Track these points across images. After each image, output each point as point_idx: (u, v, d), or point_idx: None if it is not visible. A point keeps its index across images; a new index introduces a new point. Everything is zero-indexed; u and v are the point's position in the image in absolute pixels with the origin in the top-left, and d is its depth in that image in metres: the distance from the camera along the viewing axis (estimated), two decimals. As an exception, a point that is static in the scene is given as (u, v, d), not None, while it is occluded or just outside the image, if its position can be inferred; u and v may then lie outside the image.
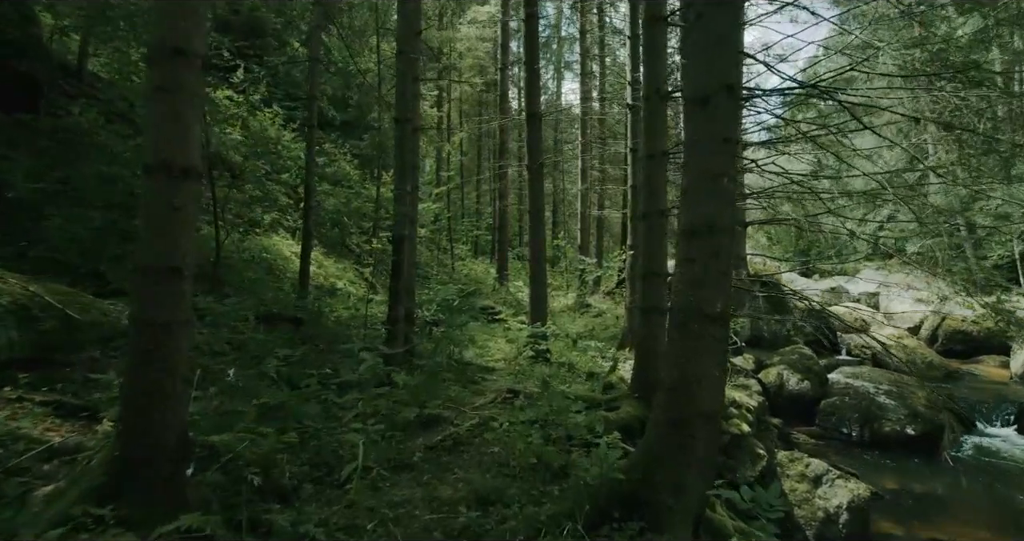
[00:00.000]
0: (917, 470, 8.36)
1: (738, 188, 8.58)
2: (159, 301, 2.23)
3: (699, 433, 2.93)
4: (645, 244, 5.05)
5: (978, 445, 9.26)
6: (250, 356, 4.41)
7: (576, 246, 13.45)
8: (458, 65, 13.75)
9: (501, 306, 9.99)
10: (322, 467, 3.34)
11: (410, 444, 3.89)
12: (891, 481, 7.96)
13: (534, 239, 7.57)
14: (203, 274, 6.65)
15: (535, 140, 7.72)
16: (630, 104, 8.31)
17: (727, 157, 3.00)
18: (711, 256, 2.96)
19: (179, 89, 2.26)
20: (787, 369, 10.45)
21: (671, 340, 3.06)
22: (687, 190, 3.06)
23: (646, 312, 5.00)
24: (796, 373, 10.34)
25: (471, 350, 7.22)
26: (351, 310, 7.14)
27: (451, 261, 12.77)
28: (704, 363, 2.95)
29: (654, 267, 5.00)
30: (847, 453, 8.87)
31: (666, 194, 5.09)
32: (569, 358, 7.09)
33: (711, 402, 2.95)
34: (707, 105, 2.99)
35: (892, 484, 7.86)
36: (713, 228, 2.96)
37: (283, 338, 5.30)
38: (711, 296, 2.95)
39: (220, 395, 3.72)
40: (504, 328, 7.98)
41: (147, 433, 2.23)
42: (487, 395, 5.50)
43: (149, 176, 2.24)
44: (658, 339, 5.00)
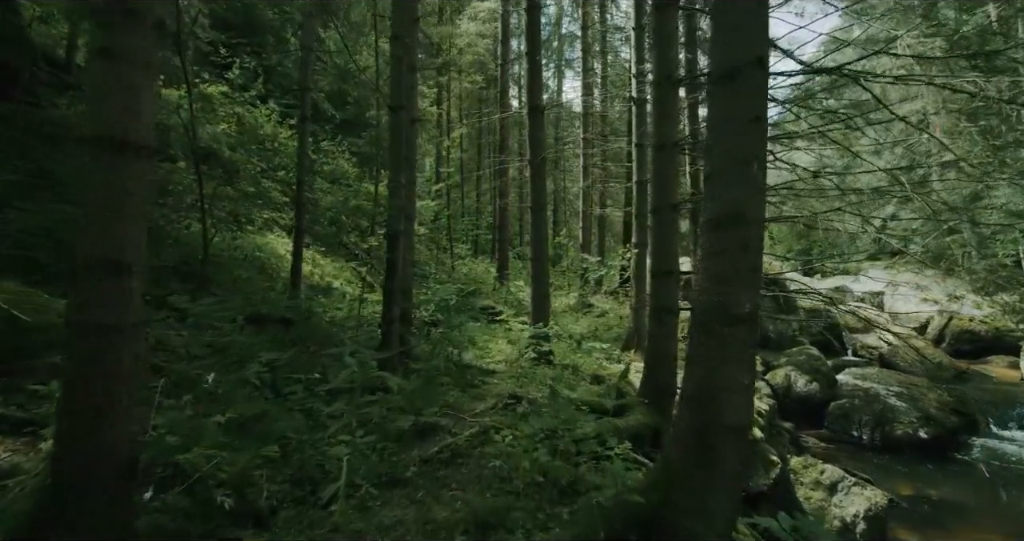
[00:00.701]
0: (931, 474, 8.01)
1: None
2: (102, 301, 1.87)
3: (725, 448, 2.57)
4: (655, 240, 4.70)
5: (992, 448, 8.89)
6: (232, 360, 4.04)
7: (577, 245, 13.10)
8: (458, 61, 13.40)
9: (502, 306, 9.63)
10: (306, 484, 2.98)
11: (404, 457, 3.53)
12: (905, 487, 7.61)
13: (536, 237, 7.21)
14: (191, 273, 6.30)
15: (537, 135, 7.36)
16: (634, 97, 7.95)
17: (757, 138, 2.64)
18: (739, 249, 2.61)
19: (129, 53, 1.90)
20: (795, 370, 10.10)
21: (693, 343, 2.70)
22: (712, 176, 2.71)
23: (657, 312, 4.64)
24: (804, 374, 9.99)
25: (471, 352, 6.86)
26: (344, 311, 6.78)
27: (451, 260, 12.40)
28: (731, 369, 2.59)
29: (665, 265, 4.64)
30: (858, 457, 8.53)
31: (677, 187, 4.73)
32: (573, 360, 6.73)
33: (739, 413, 2.59)
34: (735, 80, 2.63)
35: (906, 490, 7.51)
36: (741, 218, 2.60)
37: (270, 340, 4.95)
38: (738, 294, 2.59)
39: (195, 404, 3.36)
40: (505, 329, 7.63)
41: (86, 455, 1.87)
42: (488, 400, 5.14)
43: (91, 154, 1.88)
44: (669, 341, 4.65)
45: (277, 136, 11.54)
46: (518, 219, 18.52)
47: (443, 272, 11.36)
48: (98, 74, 1.90)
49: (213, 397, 3.51)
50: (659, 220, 4.68)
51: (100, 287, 1.86)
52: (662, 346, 4.62)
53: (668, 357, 4.63)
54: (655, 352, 4.66)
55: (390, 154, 4.72)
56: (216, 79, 10.61)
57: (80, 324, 1.87)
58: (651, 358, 4.71)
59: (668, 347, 4.62)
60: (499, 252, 12.99)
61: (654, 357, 4.65)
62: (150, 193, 2.04)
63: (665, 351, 4.62)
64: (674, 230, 4.65)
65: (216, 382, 3.56)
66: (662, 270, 4.63)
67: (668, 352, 4.62)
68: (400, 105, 4.60)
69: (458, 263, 12.74)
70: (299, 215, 6.29)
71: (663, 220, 4.64)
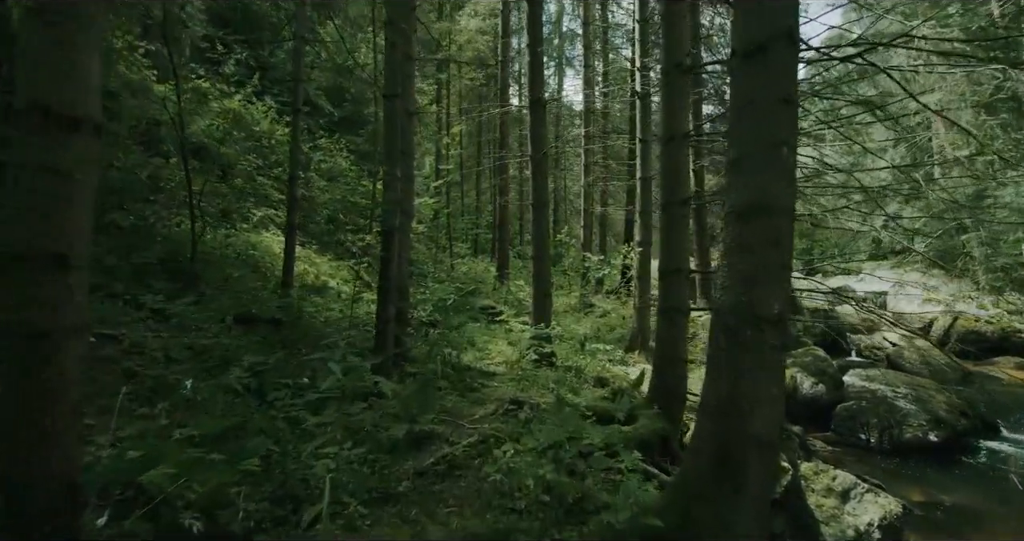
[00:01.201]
0: (943, 479, 7.72)
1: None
2: (33, 301, 1.58)
3: (753, 465, 2.29)
4: (665, 237, 4.41)
5: (1004, 452, 8.61)
6: (215, 364, 3.76)
7: (578, 244, 12.80)
8: (457, 58, 13.12)
9: (502, 306, 9.34)
10: (287, 503, 2.69)
11: (397, 469, 3.24)
12: (917, 492, 7.33)
13: (537, 234, 6.93)
14: (180, 271, 6.01)
15: (538, 129, 7.07)
16: (638, 92, 7.67)
17: (786, 120, 2.36)
18: (768, 244, 2.32)
19: (66, 11, 1.62)
20: (800, 372, 9.81)
21: (716, 349, 2.42)
22: (736, 163, 2.42)
23: (666, 313, 4.36)
24: (810, 376, 9.71)
25: (470, 353, 6.57)
26: (338, 311, 6.50)
27: (450, 259, 12.11)
28: (759, 378, 2.31)
29: (674, 262, 4.35)
30: (866, 461, 8.25)
31: (689, 181, 4.44)
32: (576, 362, 6.44)
33: (767, 426, 2.31)
34: (762, 57, 2.35)
35: (918, 495, 7.22)
36: (771, 209, 2.32)
37: (259, 342, 4.66)
38: (768, 295, 2.31)
39: (171, 412, 3.07)
40: (506, 329, 7.35)
41: (22, 480, 1.58)
42: (488, 405, 4.85)
43: (25, 127, 1.59)
44: (679, 343, 4.37)
45: (274, 133, 11.26)
46: (518, 218, 18.22)
47: (442, 271, 11.07)
48: (31, 33, 1.61)
49: (191, 405, 3.22)
50: (668, 216, 4.39)
51: (32, 285, 1.57)
52: (671, 348, 4.34)
53: (678, 360, 4.34)
54: (664, 354, 4.37)
55: (384, 145, 4.43)
56: (212, 75, 10.34)
57: (10, 328, 1.58)
58: (660, 360, 4.43)
59: (678, 349, 4.34)
60: (499, 251, 12.69)
61: (663, 359, 4.36)
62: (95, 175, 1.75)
63: (674, 353, 4.34)
64: (684, 226, 4.36)
65: (195, 388, 3.27)
66: (671, 268, 4.34)
67: (678, 354, 4.34)
68: (395, 93, 4.31)
69: (457, 262, 12.44)
70: (291, 211, 6.00)
71: (673, 216, 4.36)
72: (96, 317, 3.60)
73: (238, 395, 3.39)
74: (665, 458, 4.17)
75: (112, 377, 3.19)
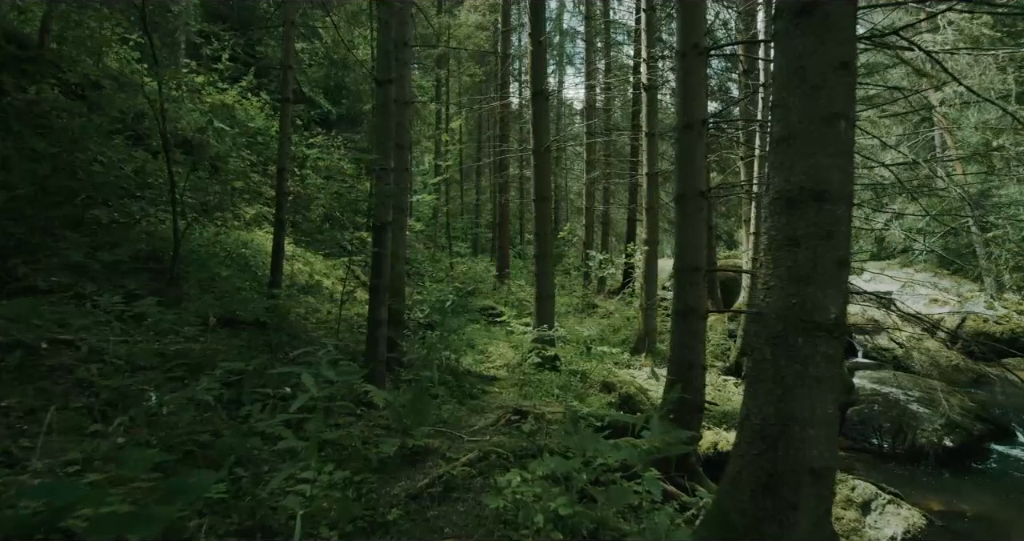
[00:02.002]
0: (961, 487, 7.33)
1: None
2: None
3: (805, 499, 1.90)
4: (680, 232, 4.02)
5: (1022, 458, 8.24)
6: (188, 372, 3.35)
7: (580, 243, 12.40)
8: (457, 54, 12.71)
9: (502, 307, 8.94)
10: (257, 536, 2.29)
11: (386, 492, 2.84)
12: (936, 501, 6.94)
13: (539, 230, 6.53)
14: (163, 270, 5.60)
15: (541, 121, 6.68)
16: (645, 83, 7.27)
17: (845, 90, 1.97)
18: (822, 237, 1.93)
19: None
20: (809, 374, 9.42)
21: (760, 361, 2.02)
22: (784, 141, 2.03)
23: (682, 314, 3.96)
24: (819, 378, 9.31)
25: (469, 356, 6.18)
26: (326, 312, 6.10)
27: (449, 259, 11.71)
28: (813, 395, 1.91)
29: (691, 259, 3.95)
30: (880, 467, 7.87)
31: (706, 172, 4.05)
32: (581, 366, 6.05)
33: (823, 452, 1.91)
34: (814, 14, 1.96)
35: (938, 505, 6.83)
36: (825, 195, 1.93)
37: (242, 346, 4.26)
38: (822, 296, 1.92)
39: (129, 428, 2.67)
40: (507, 331, 6.95)
41: None
42: (488, 414, 4.46)
43: None
44: (695, 348, 3.97)
45: (269, 129, 10.86)
46: (518, 217, 17.81)
47: (440, 271, 10.67)
48: None
49: (155, 420, 2.82)
50: (684, 209, 3.99)
51: None
52: (687, 353, 3.94)
53: (694, 366, 3.95)
54: (679, 360, 3.98)
55: (376, 134, 4.03)
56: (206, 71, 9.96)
57: None
58: (674, 367, 4.03)
59: (694, 354, 3.94)
60: (499, 250, 12.29)
61: (678, 365, 3.97)
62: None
63: (690, 359, 3.94)
64: (701, 221, 3.97)
65: (160, 400, 2.86)
66: (688, 266, 3.95)
67: (694, 360, 3.95)
68: (388, 79, 3.91)
69: (456, 261, 12.04)
70: (281, 206, 5.60)
71: (689, 209, 3.96)
72: (54, 319, 3.21)
73: (209, 408, 2.99)
74: (682, 474, 3.78)
75: (64, 388, 2.79)
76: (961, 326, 13.32)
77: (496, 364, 6.46)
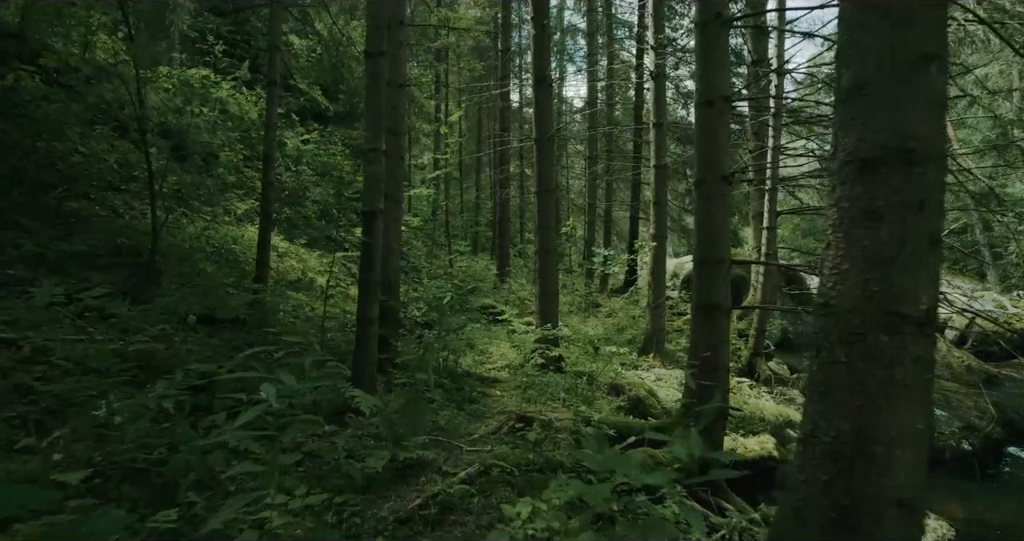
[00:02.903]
0: (983, 493, 6.92)
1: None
2: None
3: (890, 534, 1.48)
4: (702, 220, 3.61)
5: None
6: (151, 375, 2.93)
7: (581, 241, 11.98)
8: (456, 47, 12.33)
9: (503, 305, 8.52)
10: (211, 575, 1.87)
11: (372, 514, 2.42)
12: (958, 508, 6.52)
13: (543, 224, 6.11)
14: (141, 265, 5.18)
15: (544, 109, 6.27)
16: (652, 71, 6.86)
17: (937, 25, 1.56)
18: (909, 206, 1.51)
19: None
20: (820, 375, 9.01)
21: (829, 363, 1.60)
22: (856, 90, 1.61)
23: (705, 310, 3.54)
24: (831, 379, 8.90)
25: (468, 356, 5.76)
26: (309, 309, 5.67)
27: (449, 256, 11.28)
28: (900, 406, 1.50)
29: (714, 251, 3.54)
30: None
31: (729, 152, 3.63)
32: (587, 367, 5.63)
33: (913, 478, 1.50)
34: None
35: (960, 512, 6.42)
36: (914, 155, 1.51)
37: (218, 345, 3.84)
38: (911, 282, 1.50)
39: (70, 444, 2.25)
40: (508, 330, 6.53)
41: None
42: (489, 421, 4.04)
43: None
44: (719, 348, 3.55)
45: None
46: (518, 216, 17.40)
47: (439, 268, 10.24)
48: None
49: (103, 431, 2.39)
50: (705, 195, 3.58)
51: None
52: (710, 355, 3.52)
53: (719, 368, 3.53)
54: (701, 361, 3.56)
55: (366, 114, 3.62)
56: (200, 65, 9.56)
57: None
58: (694, 368, 3.61)
59: (718, 355, 3.52)
60: (500, 248, 11.86)
61: (700, 368, 3.55)
62: None
63: (714, 360, 3.52)
64: (724, 207, 3.55)
65: (111, 408, 2.44)
66: (711, 258, 3.53)
67: (718, 361, 3.53)
68: (379, 51, 3.50)
69: (454, 257, 11.61)
70: (266, 197, 5.18)
71: (710, 195, 3.55)
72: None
73: (169, 417, 2.56)
74: (705, 488, 3.36)
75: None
76: (970, 326, 12.91)
77: (497, 365, 6.04)
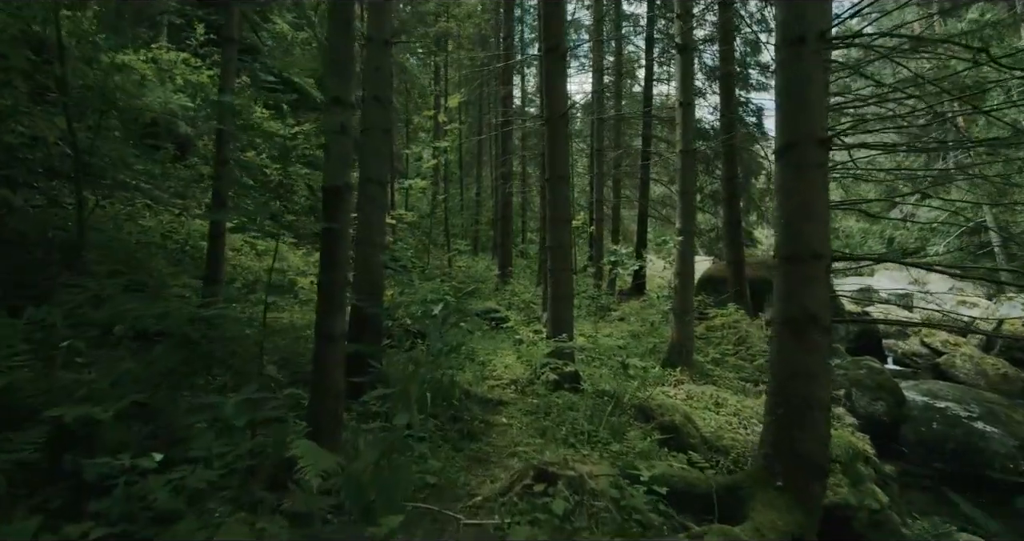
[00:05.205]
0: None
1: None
2: None
3: None
4: (786, 200, 2.53)
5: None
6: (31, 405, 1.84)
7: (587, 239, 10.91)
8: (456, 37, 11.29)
9: (506, 309, 7.44)
10: None
11: None
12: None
13: (555, 216, 5.03)
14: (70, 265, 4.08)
15: (556, 85, 5.20)
16: (678, 44, 5.79)
17: None
18: None
19: None
20: (854, 386, 7.94)
21: None
22: None
23: (793, 326, 2.46)
24: (867, 391, 7.83)
25: (468, 371, 4.67)
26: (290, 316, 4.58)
27: (448, 254, 10.18)
28: None
29: (805, 242, 2.46)
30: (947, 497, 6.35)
31: (825, 110, 2.55)
32: (610, 385, 4.54)
33: None
34: None
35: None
36: None
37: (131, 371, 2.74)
38: None
39: None
40: (514, 339, 5.46)
41: None
42: (495, 468, 2.95)
43: None
44: (816, 380, 2.47)
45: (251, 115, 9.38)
46: (520, 214, 16.30)
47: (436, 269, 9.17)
48: None
49: None
50: (793, 165, 2.51)
51: None
52: (802, 385, 2.44)
53: (814, 406, 2.44)
54: (789, 393, 2.48)
55: (328, 58, 2.54)
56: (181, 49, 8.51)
57: None
58: (779, 404, 2.53)
59: (814, 387, 2.43)
60: (501, 247, 10.78)
61: (790, 405, 2.46)
62: None
63: (806, 394, 2.44)
64: (822, 181, 2.48)
65: None
66: (803, 251, 2.45)
67: (813, 397, 2.44)
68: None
69: (453, 256, 10.52)
70: (220, 178, 4.08)
71: (802, 164, 2.47)
72: None
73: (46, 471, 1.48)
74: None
75: None
76: (998, 329, 11.84)
77: (502, 381, 4.95)
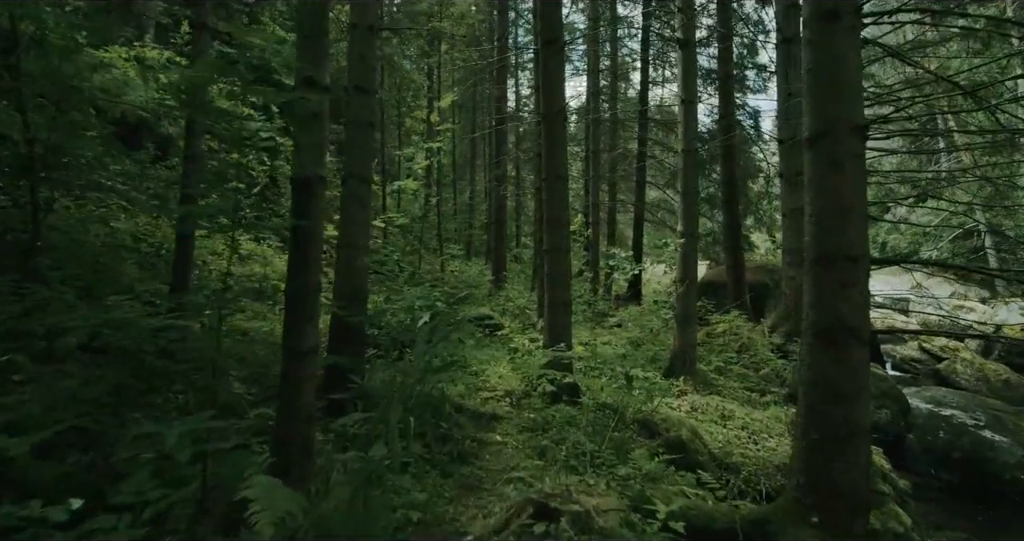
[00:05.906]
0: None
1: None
2: None
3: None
4: (818, 196, 2.20)
5: None
6: None
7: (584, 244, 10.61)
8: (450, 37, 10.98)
9: (500, 316, 7.09)
10: None
11: None
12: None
13: (552, 217, 4.70)
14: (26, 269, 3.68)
15: (554, 78, 4.88)
16: (680, 39, 5.50)
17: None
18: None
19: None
20: (858, 393, 7.65)
21: None
22: None
23: (828, 337, 2.12)
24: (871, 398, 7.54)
25: (459, 383, 4.31)
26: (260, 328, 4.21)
27: (440, 258, 9.81)
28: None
29: (839, 242, 2.13)
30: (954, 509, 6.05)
31: (860, 94, 2.23)
32: (610, 397, 4.20)
33: None
34: None
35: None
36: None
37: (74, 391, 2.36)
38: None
39: None
40: (509, 348, 5.11)
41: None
42: (489, 498, 2.59)
43: None
44: (855, 399, 2.13)
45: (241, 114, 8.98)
46: (514, 218, 15.97)
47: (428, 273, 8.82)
48: None
49: None
50: (827, 157, 2.18)
51: None
52: (840, 407, 2.10)
53: (855, 431, 2.10)
54: (827, 419, 2.14)
55: (297, 34, 2.19)
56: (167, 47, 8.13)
57: None
58: (813, 428, 2.19)
59: (854, 411, 2.10)
60: (495, 251, 10.43)
61: (825, 430, 2.12)
62: None
63: (847, 416, 2.10)
64: (859, 174, 2.15)
65: None
66: (839, 252, 2.12)
67: (856, 420, 2.10)
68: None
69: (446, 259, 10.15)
70: (187, 173, 3.71)
71: (837, 156, 2.15)
72: None
73: None
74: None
75: None
76: (998, 333, 11.65)
77: (497, 393, 4.59)
